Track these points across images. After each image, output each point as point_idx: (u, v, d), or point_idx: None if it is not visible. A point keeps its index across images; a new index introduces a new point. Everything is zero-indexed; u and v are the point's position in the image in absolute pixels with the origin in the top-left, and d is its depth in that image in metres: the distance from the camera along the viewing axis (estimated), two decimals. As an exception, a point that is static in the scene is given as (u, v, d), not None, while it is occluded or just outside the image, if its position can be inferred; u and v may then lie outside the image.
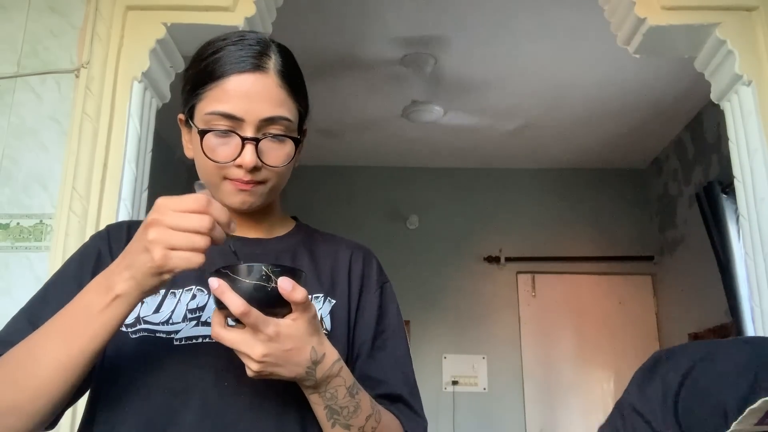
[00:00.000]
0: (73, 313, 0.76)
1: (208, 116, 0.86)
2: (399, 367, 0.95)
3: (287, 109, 0.88)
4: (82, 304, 0.76)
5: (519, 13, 2.92)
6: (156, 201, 0.73)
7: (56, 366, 0.74)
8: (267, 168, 0.87)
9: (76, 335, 0.74)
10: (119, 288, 0.73)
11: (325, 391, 0.79)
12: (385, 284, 1.00)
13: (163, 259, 0.70)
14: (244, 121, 0.85)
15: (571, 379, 4.34)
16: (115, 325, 0.75)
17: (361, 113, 3.95)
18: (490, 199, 4.68)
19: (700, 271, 3.68)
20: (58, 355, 0.74)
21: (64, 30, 1.89)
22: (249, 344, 0.72)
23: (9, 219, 1.77)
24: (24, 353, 0.77)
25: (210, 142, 0.86)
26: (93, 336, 0.74)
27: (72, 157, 1.77)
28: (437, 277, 4.46)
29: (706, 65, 1.96)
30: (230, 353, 0.75)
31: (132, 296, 0.73)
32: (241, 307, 0.70)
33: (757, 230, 1.77)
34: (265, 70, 0.87)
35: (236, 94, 0.85)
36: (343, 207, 4.59)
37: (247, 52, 0.87)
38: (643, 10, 1.86)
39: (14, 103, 1.84)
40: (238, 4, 1.86)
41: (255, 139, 0.85)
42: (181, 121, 0.94)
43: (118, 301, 0.73)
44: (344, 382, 0.80)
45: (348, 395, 0.80)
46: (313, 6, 2.86)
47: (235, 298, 0.71)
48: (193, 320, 0.86)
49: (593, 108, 3.84)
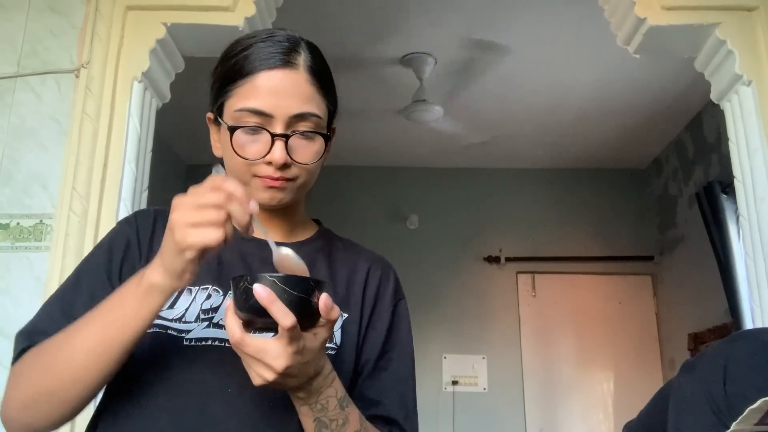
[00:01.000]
0: (110, 304, 0.77)
1: (238, 113, 0.86)
2: (398, 389, 0.93)
3: (316, 105, 0.88)
4: (119, 295, 0.77)
5: (519, 12, 2.92)
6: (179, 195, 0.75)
7: (91, 355, 0.76)
8: (296, 165, 0.87)
9: (110, 324, 0.76)
10: (152, 277, 0.74)
11: (316, 402, 0.78)
12: (400, 302, 0.98)
13: (182, 235, 0.70)
14: (273, 118, 0.85)
15: (571, 379, 4.34)
16: (148, 315, 0.76)
17: (361, 113, 3.95)
18: (490, 199, 4.68)
19: (700, 271, 3.68)
20: (93, 344, 0.76)
21: (64, 30, 1.89)
22: (275, 355, 0.70)
23: (9, 219, 1.77)
24: (61, 343, 0.78)
25: (239, 139, 0.86)
26: (126, 325, 0.75)
27: (72, 157, 1.77)
28: (437, 277, 4.46)
29: (706, 65, 1.96)
30: (235, 359, 0.74)
31: (164, 285, 0.74)
32: (289, 321, 0.68)
33: (757, 230, 1.77)
34: (295, 67, 0.87)
35: (266, 90, 0.85)
36: (343, 207, 4.59)
37: (276, 49, 0.87)
38: (643, 10, 1.86)
39: (14, 103, 1.84)
40: (238, 4, 1.85)
41: (285, 136, 0.85)
42: (209, 120, 0.94)
43: (151, 290, 0.74)
44: (336, 393, 0.79)
45: (338, 407, 0.79)
46: (313, 6, 2.86)
47: (286, 311, 0.68)
48: (205, 321, 0.86)
49: (593, 108, 3.84)
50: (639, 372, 4.27)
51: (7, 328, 1.67)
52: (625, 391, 4.26)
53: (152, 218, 0.94)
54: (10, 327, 1.63)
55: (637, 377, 4.25)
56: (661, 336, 4.35)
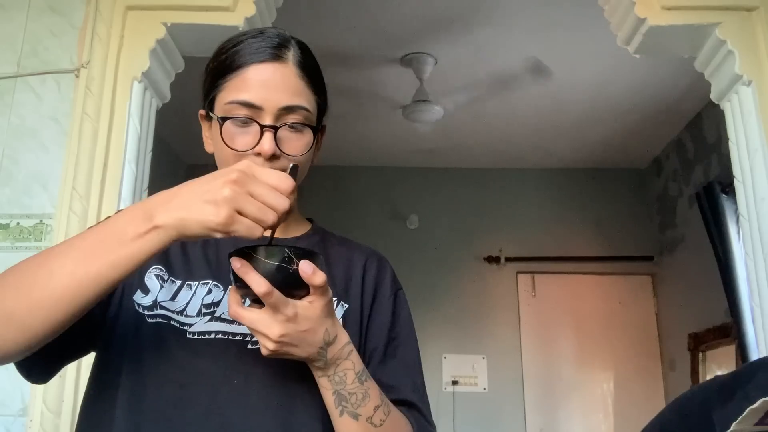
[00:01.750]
0: (101, 234, 0.72)
1: (228, 105, 0.87)
2: (409, 375, 0.95)
3: (305, 99, 0.89)
4: (113, 227, 0.72)
5: (519, 12, 2.92)
6: (241, 161, 0.72)
7: (68, 284, 0.69)
8: (285, 157, 0.87)
9: (98, 256, 0.70)
10: (161, 219, 0.69)
11: (334, 374, 0.79)
12: (399, 291, 1.01)
13: (229, 218, 0.67)
14: (263, 110, 0.86)
15: (571, 379, 4.33)
16: (143, 258, 0.70)
17: (362, 113, 3.95)
18: (490, 199, 4.68)
19: (700, 271, 3.68)
20: (73, 273, 0.70)
21: (64, 30, 1.89)
22: (267, 324, 0.73)
23: (9, 219, 1.77)
24: (38, 262, 0.72)
25: (229, 131, 0.87)
26: (116, 262, 0.70)
27: (72, 157, 1.77)
28: (437, 277, 4.46)
29: (706, 65, 1.96)
30: (240, 351, 0.76)
31: (170, 233, 0.69)
32: (263, 287, 0.71)
33: (757, 230, 1.77)
34: (284, 61, 0.88)
35: (255, 83, 0.86)
36: (343, 207, 4.59)
37: (266, 44, 0.88)
38: (643, 10, 1.86)
39: (14, 103, 1.84)
40: (238, 4, 1.86)
41: (273, 127, 0.86)
42: (201, 116, 0.95)
43: (154, 232, 0.69)
44: (353, 366, 0.81)
45: (357, 380, 0.81)
46: (313, 6, 2.86)
47: (258, 278, 0.71)
48: (207, 315, 0.87)
49: (593, 108, 3.84)
50: (639, 372, 4.27)
51: (7, 328, 1.67)
52: (625, 391, 4.26)
53: None
54: (10, 327, 1.63)
55: (637, 377, 4.26)
56: (661, 336, 4.35)
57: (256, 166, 0.72)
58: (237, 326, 0.86)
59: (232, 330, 0.86)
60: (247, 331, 0.85)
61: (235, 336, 0.86)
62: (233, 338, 0.86)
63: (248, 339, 0.86)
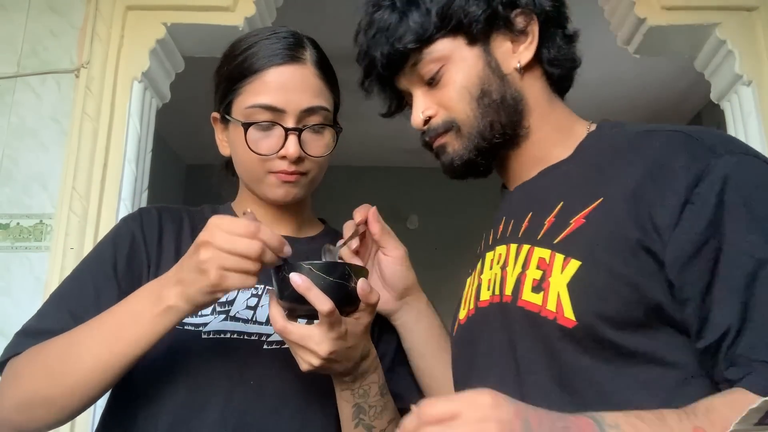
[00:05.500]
0: (120, 317, 0.76)
1: (249, 110, 0.86)
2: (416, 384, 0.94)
3: (325, 99, 0.91)
4: (132, 309, 0.76)
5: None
6: (209, 220, 0.72)
7: (96, 366, 0.75)
8: (309, 159, 0.88)
9: (120, 338, 0.74)
10: (171, 300, 0.73)
11: (359, 387, 0.79)
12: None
13: (219, 278, 0.70)
14: (285, 113, 0.86)
15: (571, 379, 4.33)
16: (162, 332, 0.75)
17: (361, 113, 3.95)
18: (491, 199, 4.66)
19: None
20: (100, 355, 0.75)
21: (64, 30, 1.89)
22: (318, 341, 0.72)
23: (9, 219, 1.77)
24: (65, 348, 0.77)
25: (253, 136, 0.86)
26: (137, 341, 0.74)
27: (72, 157, 1.77)
28: (437, 277, 4.45)
29: (706, 65, 1.96)
30: (256, 350, 0.76)
31: (182, 309, 0.73)
32: (327, 306, 0.70)
33: (757, 230, 1.77)
34: (302, 61, 0.89)
35: (276, 85, 0.86)
36: (343, 207, 4.58)
37: (282, 45, 0.88)
38: (643, 10, 1.86)
39: (14, 103, 1.84)
40: (238, 4, 1.86)
41: (297, 130, 0.86)
42: (215, 120, 0.94)
43: (168, 311, 0.73)
44: (378, 379, 0.81)
45: (379, 394, 0.81)
46: (313, 6, 2.86)
47: (322, 296, 0.70)
48: (222, 314, 0.86)
49: (593, 108, 3.82)
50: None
51: (6, 329, 1.67)
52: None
53: (157, 217, 0.93)
54: (9, 327, 1.63)
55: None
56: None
57: (220, 219, 0.72)
58: (252, 326, 0.85)
59: (248, 330, 0.85)
60: (262, 331, 0.85)
61: (250, 336, 0.85)
62: (248, 338, 0.85)
63: (264, 339, 0.85)
